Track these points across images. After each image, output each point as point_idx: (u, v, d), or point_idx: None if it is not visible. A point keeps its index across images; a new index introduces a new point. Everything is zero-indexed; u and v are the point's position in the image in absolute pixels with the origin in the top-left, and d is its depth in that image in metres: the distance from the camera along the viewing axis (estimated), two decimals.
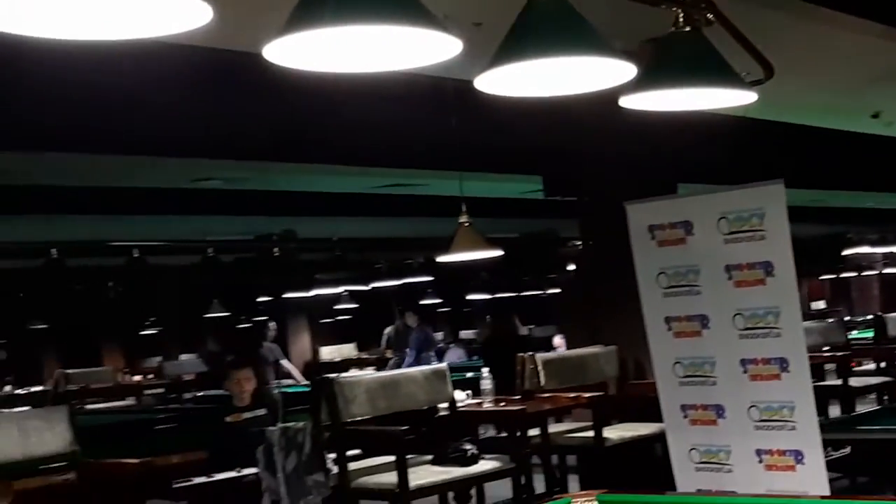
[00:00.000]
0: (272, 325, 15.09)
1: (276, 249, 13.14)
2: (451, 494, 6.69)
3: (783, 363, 5.24)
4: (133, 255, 11.86)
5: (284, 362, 14.81)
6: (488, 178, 8.53)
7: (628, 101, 4.12)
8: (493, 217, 11.10)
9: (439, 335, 21.73)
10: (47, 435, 5.82)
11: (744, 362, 5.38)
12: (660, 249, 5.54)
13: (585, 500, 4.09)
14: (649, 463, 6.79)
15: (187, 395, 14.85)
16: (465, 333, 21.47)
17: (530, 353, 7.36)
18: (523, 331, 14.76)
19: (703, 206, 5.35)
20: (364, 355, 17.98)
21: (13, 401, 14.42)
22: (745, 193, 5.20)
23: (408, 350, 14.74)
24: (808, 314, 11.95)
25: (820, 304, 22.58)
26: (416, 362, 13.50)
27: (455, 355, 15.39)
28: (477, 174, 7.58)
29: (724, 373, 5.48)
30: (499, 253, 6.69)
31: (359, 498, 6.27)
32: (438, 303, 20.49)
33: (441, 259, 6.82)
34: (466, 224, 6.42)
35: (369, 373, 6.72)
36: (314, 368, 16.92)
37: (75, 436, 5.97)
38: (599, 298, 7.68)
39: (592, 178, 7.73)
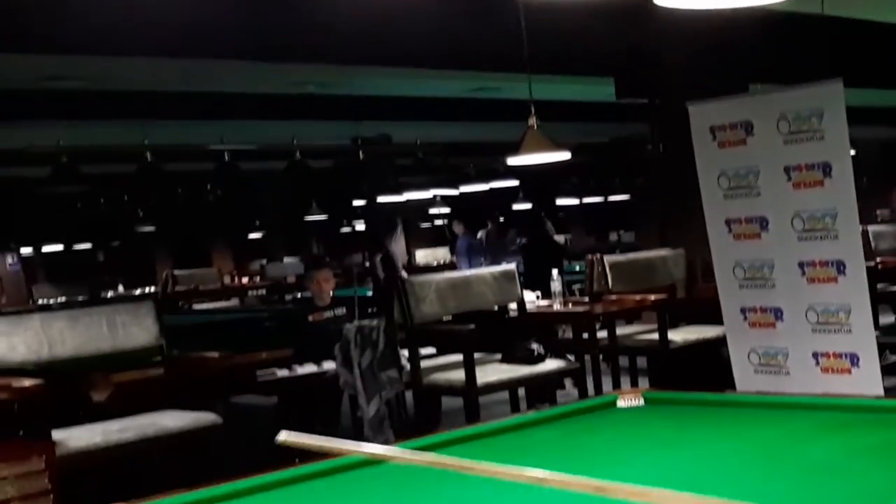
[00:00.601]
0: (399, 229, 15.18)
1: (366, 153, 13.24)
2: (521, 392, 6.80)
3: (840, 266, 5.19)
4: (226, 159, 12.08)
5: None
6: (559, 81, 8.47)
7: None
8: (565, 121, 11.04)
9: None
10: (135, 329, 6.03)
11: (802, 265, 5.35)
12: (721, 151, 5.50)
13: (632, 397, 4.16)
14: (714, 365, 6.80)
15: (288, 297, 15.17)
16: (559, 237, 21.48)
17: (599, 254, 7.39)
18: (558, 238, 14.74)
19: (763, 107, 5.29)
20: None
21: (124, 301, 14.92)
22: (805, 93, 5.12)
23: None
24: None
25: None
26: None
27: None
28: (548, 77, 7.54)
29: (782, 275, 5.46)
30: (566, 156, 6.69)
31: (431, 394, 6.42)
32: (528, 208, 20.48)
33: (511, 161, 6.84)
34: (534, 127, 6.42)
35: (441, 274, 6.79)
36: (410, 272, 17.14)
37: (162, 330, 6.17)
38: (669, 202, 7.64)
39: (663, 81, 7.63)
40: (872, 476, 2.79)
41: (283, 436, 2.10)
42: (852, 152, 5.10)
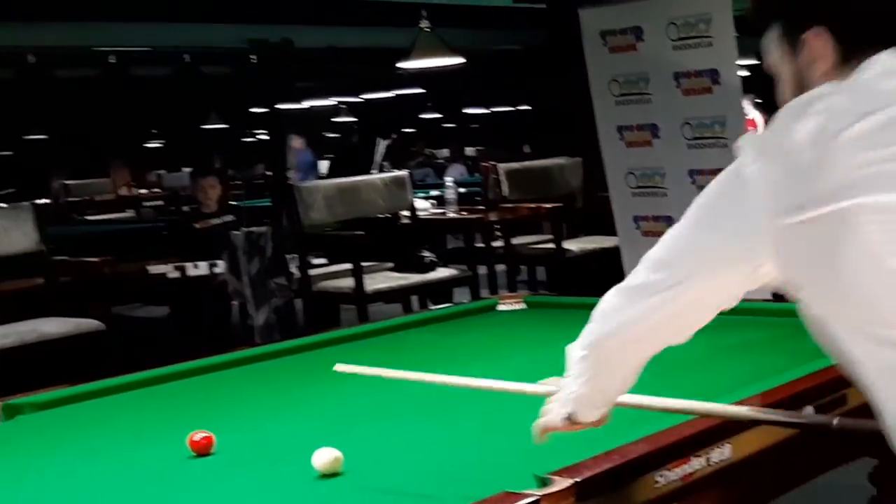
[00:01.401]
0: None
1: (264, 58, 13.11)
2: (415, 299, 6.92)
3: None
4: (114, 62, 11.87)
5: None
6: None
7: None
8: (463, 27, 11.03)
9: (444, 151, 21.87)
10: (14, 234, 6.00)
11: (692, 173, 5.51)
12: (612, 56, 5.61)
13: (513, 301, 4.32)
14: (612, 274, 6.98)
15: (186, 209, 15.05)
16: (470, 150, 21.57)
17: (493, 163, 7.50)
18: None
19: (652, 11, 5.38)
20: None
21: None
22: None
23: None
24: None
25: None
26: None
27: (456, 171, 15.53)
28: None
29: (673, 184, 5.62)
30: (460, 60, 6.75)
31: (322, 301, 6.52)
32: (438, 118, 20.54)
33: (402, 65, 6.89)
34: (427, 30, 6.47)
35: (329, 180, 6.84)
36: None
37: (43, 236, 6.15)
38: (568, 110, 7.76)
39: None
40: (729, 369, 3.01)
41: (340, 367, 2.16)
42: (751, 61, 5.25)
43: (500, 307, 4.27)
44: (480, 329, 4.02)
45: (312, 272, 6.51)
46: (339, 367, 2.17)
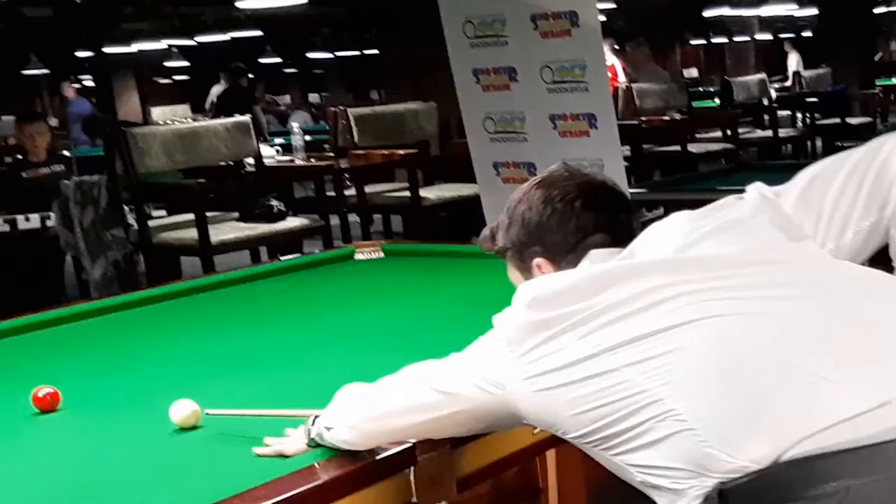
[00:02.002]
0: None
1: None
2: (264, 251, 6.86)
3: (591, 119, 5.44)
4: None
5: None
6: None
7: None
8: None
9: (286, 98, 21.62)
10: None
11: (553, 118, 5.57)
12: None
13: (370, 251, 4.33)
14: (471, 223, 7.03)
15: (8, 159, 14.54)
16: (314, 97, 21.41)
17: (343, 107, 7.45)
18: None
19: None
20: (200, 118, 17.74)
21: None
22: None
23: None
24: (680, 82, 12.10)
25: (693, 73, 22.81)
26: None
27: (300, 119, 15.38)
28: None
29: (533, 129, 5.68)
30: (301, 1, 6.65)
31: (166, 254, 6.40)
32: (280, 62, 20.27)
33: (240, 4, 6.77)
34: None
35: (166, 126, 6.66)
36: None
37: None
38: (421, 55, 7.76)
39: None
40: None
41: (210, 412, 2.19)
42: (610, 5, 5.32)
43: (358, 256, 4.27)
44: (338, 279, 4.02)
45: (152, 223, 6.36)
46: (210, 412, 2.19)
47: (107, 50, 13.86)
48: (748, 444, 1.39)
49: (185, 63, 18.78)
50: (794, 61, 18.42)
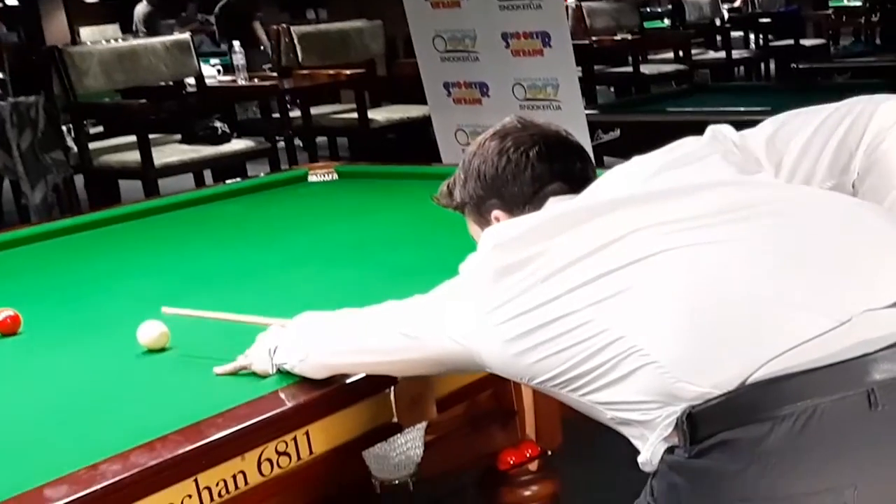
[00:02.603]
0: None
1: None
2: (209, 174, 6.80)
3: (545, 38, 5.42)
4: None
5: None
6: None
7: None
8: None
9: None
10: None
11: (505, 36, 5.54)
12: None
13: (324, 172, 4.30)
14: (421, 145, 7.02)
15: None
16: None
17: (285, 24, 7.35)
18: None
19: None
20: (129, 38, 17.34)
21: None
22: None
23: None
24: (630, 1, 12.00)
25: None
26: None
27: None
28: None
29: (485, 48, 5.65)
30: None
31: (105, 177, 6.33)
32: None
33: None
34: None
35: (103, 44, 6.53)
36: None
37: None
38: None
39: None
40: None
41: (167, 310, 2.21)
42: None
43: (311, 178, 4.25)
44: (293, 200, 4.00)
45: (92, 146, 6.27)
46: (166, 311, 2.19)
47: None
48: (713, 371, 1.41)
49: None
50: None
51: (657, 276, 1.47)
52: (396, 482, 2.00)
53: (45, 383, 2.10)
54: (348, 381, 1.83)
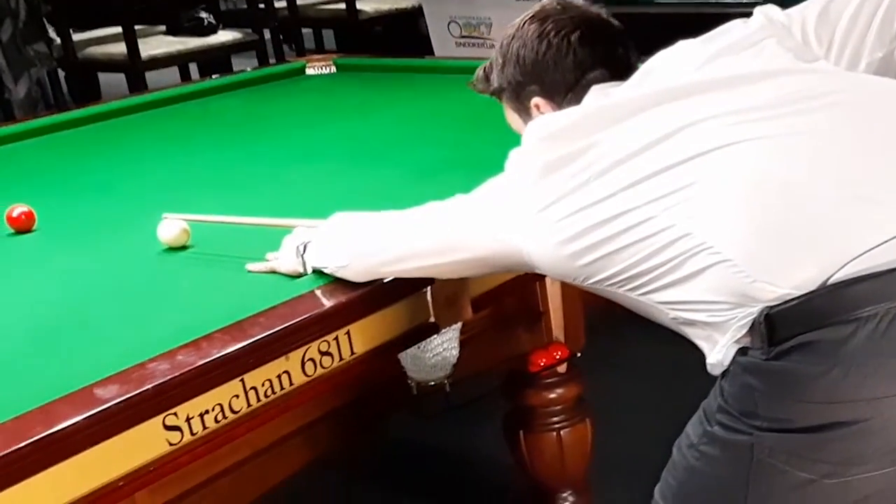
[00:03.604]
0: None
1: None
2: (194, 67, 6.70)
3: None
4: None
5: None
6: None
7: None
8: None
9: None
10: None
11: None
12: None
13: (321, 64, 4.24)
14: (411, 38, 6.92)
15: None
16: None
17: None
18: None
19: None
20: None
21: None
22: None
23: None
24: None
25: None
26: None
27: None
28: None
29: None
30: None
31: (87, 71, 6.24)
32: None
33: None
34: None
35: None
36: None
37: None
38: None
39: None
40: None
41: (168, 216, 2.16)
42: None
43: (309, 70, 4.20)
44: (293, 94, 3.96)
45: (76, 38, 6.14)
46: (168, 216, 2.15)
47: None
48: (792, 271, 1.38)
49: None
50: None
51: (724, 172, 1.43)
52: (432, 383, 2.00)
53: (74, 281, 2.07)
54: (386, 280, 1.81)
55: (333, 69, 4.20)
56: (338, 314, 1.72)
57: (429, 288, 1.86)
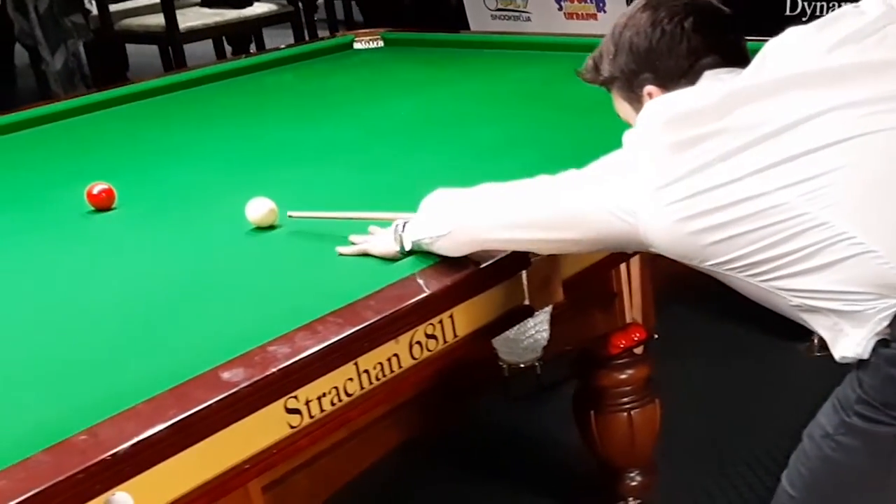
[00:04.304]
0: None
1: None
2: (225, 41, 6.72)
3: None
4: None
5: None
6: None
7: None
8: None
9: None
10: None
11: None
12: None
13: (370, 38, 4.24)
14: (445, 9, 6.89)
15: None
16: None
17: None
18: None
19: None
20: None
21: None
22: None
23: None
24: None
25: None
26: None
27: None
28: None
29: None
30: None
31: (126, 41, 6.25)
32: None
33: None
34: None
35: None
36: None
37: None
38: None
39: None
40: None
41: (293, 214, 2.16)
42: None
43: (357, 45, 4.20)
44: (345, 70, 3.95)
45: (113, 8, 6.14)
46: (292, 214, 2.15)
47: None
48: None
49: None
50: None
51: (862, 162, 1.44)
52: (522, 365, 2.02)
53: (169, 259, 2.08)
54: (484, 264, 1.82)
55: (381, 43, 4.20)
56: (445, 297, 1.73)
57: (524, 271, 1.87)
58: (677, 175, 1.51)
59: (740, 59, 1.71)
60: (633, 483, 2.65)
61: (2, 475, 1.24)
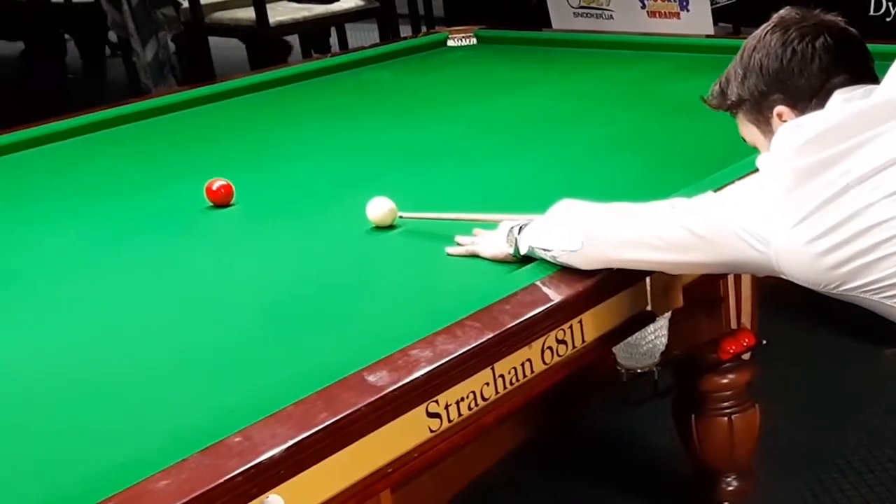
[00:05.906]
0: None
1: None
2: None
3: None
4: None
5: None
6: None
7: None
8: None
9: None
10: None
11: None
12: None
13: (463, 35, 4.23)
14: (526, 5, 6.85)
15: None
16: None
17: None
18: None
19: None
20: None
21: None
22: None
23: None
24: None
25: None
26: None
27: None
28: None
29: None
30: None
31: (214, 34, 6.28)
32: None
33: None
34: None
35: None
36: None
37: None
38: None
39: None
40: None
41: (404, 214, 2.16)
42: None
43: (451, 42, 4.20)
44: (441, 67, 3.94)
45: (203, 1, 6.17)
46: (403, 215, 2.15)
47: None
48: None
49: None
50: None
51: None
52: (639, 370, 2.00)
53: (298, 257, 2.08)
54: (611, 270, 1.80)
55: (474, 41, 4.19)
56: (576, 302, 1.72)
57: (648, 277, 1.85)
58: (812, 206, 1.49)
59: (869, 77, 1.70)
60: (730, 488, 2.62)
61: (164, 475, 1.24)
